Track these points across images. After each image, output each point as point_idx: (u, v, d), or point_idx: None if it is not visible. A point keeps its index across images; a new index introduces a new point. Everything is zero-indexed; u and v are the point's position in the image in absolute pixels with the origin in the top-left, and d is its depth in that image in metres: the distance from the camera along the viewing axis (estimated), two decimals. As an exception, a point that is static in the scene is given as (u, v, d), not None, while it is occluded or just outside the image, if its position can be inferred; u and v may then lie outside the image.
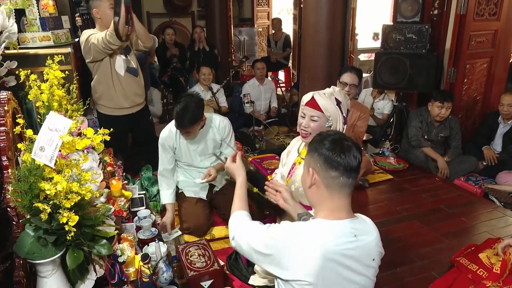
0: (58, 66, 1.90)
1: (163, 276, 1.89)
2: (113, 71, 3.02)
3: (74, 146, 1.38)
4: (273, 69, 7.25)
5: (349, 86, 3.33)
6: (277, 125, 5.07)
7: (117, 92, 3.09)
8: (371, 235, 1.34)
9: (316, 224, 1.29)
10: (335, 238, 1.24)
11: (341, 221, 1.28)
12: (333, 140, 1.30)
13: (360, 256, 1.28)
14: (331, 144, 1.29)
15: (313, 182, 1.31)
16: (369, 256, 1.31)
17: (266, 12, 8.43)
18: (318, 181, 1.30)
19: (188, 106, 2.48)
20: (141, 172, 3.38)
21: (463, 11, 3.77)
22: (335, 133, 1.36)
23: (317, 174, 1.30)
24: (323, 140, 1.31)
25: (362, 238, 1.29)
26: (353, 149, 1.28)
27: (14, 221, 1.45)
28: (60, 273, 1.38)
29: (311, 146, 1.34)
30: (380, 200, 3.35)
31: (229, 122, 2.86)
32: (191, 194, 2.88)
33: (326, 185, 1.29)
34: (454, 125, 3.79)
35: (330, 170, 1.28)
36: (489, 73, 4.18)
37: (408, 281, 2.35)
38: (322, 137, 1.33)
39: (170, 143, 2.74)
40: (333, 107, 2.04)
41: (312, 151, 1.33)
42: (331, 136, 1.32)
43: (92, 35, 2.86)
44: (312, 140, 1.36)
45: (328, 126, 2.05)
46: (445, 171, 3.70)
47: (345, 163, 1.26)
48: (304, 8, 3.77)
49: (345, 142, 1.30)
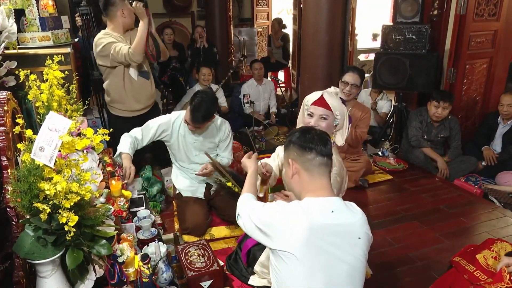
0: (57, 66, 1.90)
1: (163, 276, 1.89)
2: (126, 75, 3.04)
3: (74, 146, 1.38)
4: (273, 69, 7.25)
5: (350, 86, 3.34)
6: (277, 126, 5.09)
7: (129, 95, 3.11)
8: (354, 215, 1.42)
9: (303, 202, 1.42)
10: (318, 213, 1.36)
11: (323, 198, 1.41)
12: (302, 130, 1.53)
13: (344, 233, 1.36)
14: (301, 133, 1.50)
15: (294, 171, 1.47)
16: (353, 234, 1.38)
17: (266, 12, 8.43)
18: (298, 168, 1.46)
19: (204, 102, 2.55)
20: (141, 172, 3.38)
21: (462, 11, 3.77)
22: (303, 127, 1.58)
23: (296, 162, 1.47)
24: (293, 133, 1.53)
25: (343, 216, 1.39)
26: (321, 133, 1.50)
27: (13, 221, 1.45)
28: (59, 273, 1.38)
29: (286, 142, 1.54)
30: (380, 200, 3.35)
31: (229, 125, 2.91)
32: (189, 194, 2.90)
33: (305, 169, 1.45)
34: (454, 125, 3.79)
35: (305, 154, 1.44)
36: (489, 73, 4.18)
37: (408, 281, 2.35)
38: (292, 132, 1.55)
39: (165, 128, 2.75)
40: (341, 105, 2.08)
41: (287, 144, 1.52)
42: (300, 128, 1.56)
43: (111, 44, 2.86)
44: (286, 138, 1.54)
45: (335, 124, 2.07)
46: (445, 171, 3.70)
47: (317, 145, 1.44)
48: (304, 8, 3.77)
49: (312, 130, 1.52)
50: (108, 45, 2.85)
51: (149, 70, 3.22)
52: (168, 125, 2.77)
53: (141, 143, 2.73)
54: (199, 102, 2.55)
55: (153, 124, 2.74)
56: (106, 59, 2.92)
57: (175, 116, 2.80)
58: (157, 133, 2.74)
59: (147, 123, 2.75)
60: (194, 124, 2.62)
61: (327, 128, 2.05)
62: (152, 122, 2.75)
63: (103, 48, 2.87)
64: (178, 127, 2.78)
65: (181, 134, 2.79)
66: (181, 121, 2.76)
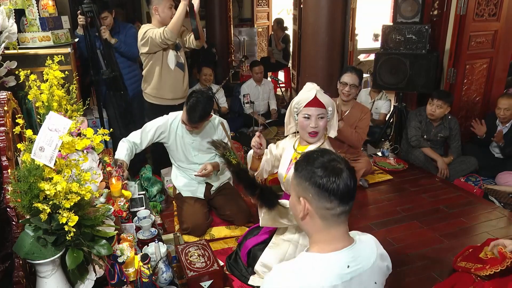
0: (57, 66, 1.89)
1: (163, 276, 1.89)
2: (164, 64, 3.19)
3: (74, 146, 1.38)
4: (273, 69, 7.25)
5: (349, 86, 3.34)
6: (277, 126, 5.08)
7: (165, 84, 3.25)
8: (369, 258, 1.22)
9: (311, 263, 1.16)
10: (332, 275, 1.13)
11: (338, 253, 1.17)
12: (323, 165, 1.15)
13: (359, 283, 1.18)
14: (322, 171, 1.13)
15: (305, 212, 1.18)
16: (369, 281, 1.21)
17: (266, 12, 8.43)
18: (311, 211, 1.17)
19: (200, 102, 2.55)
20: (141, 172, 3.38)
21: (463, 11, 3.77)
22: (321, 153, 1.20)
23: (309, 204, 1.16)
24: (312, 166, 1.16)
25: (358, 266, 1.18)
26: (346, 172, 1.14)
27: (13, 221, 1.45)
28: (59, 273, 1.38)
29: (299, 173, 1.18)
30: (379, 200, 3.35)
31: (227, 124, 2.90)
32: (189, 194, 2.90)
33: (320, 216, 1.16)
34: (454, 125, 3.79)
35: (324, 201, 1.13)
36: (489, 73, 4.18)
37: (408, 281, 2.35)
38: (310, 161, 1.17)
39: (162, 129, 2.76)
40: (329, 99, 2.14)
41: (302, 178, 1.17)
42: (319, 159, 1.16)
43: (150, 30, 3.04)
44: (298, 164, 1.20)
45: (329, 119, 2.15)
46: (445, 171, 3.70)
47: (340, 191, 1.12)
48: (304, 8, 3.77)
49: (336, 164, 1.15)
50: (147, 32, 3.05)
51: (185, 62, 3.35)
52: (166, 126, 2.77)
53: (140, 147, 2.75)
54: (195, 102, 2.55)
55: (150, 127, 2.75)
56: (146, 45, 3.08)
57: (172, 117, 2.80)
58: (155, 135, 2.75)
59: (144, 126, 2.76)
60: (191, 124, 2.63)
61: (324, 125, 2.12)
62: (149, 125, 2.76)
63: (143, 36, 3.07)
64: (175, 128, 2.79)
65: (179, 135, 2.79)
66: (179, 122, 2.76)
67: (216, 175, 2.90)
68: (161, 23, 3.11)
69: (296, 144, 2.23)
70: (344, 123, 3.34)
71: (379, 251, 1.27)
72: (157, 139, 2.78)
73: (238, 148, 3.87)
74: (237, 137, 4.39)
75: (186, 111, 2.60)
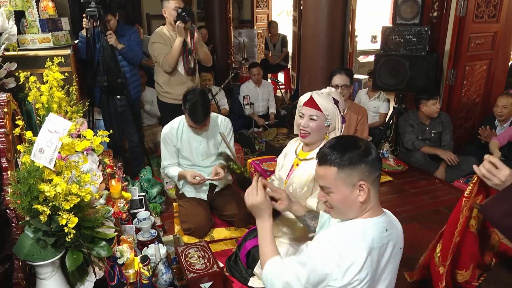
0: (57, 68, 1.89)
1: (163, 278, 1.88)
2: (174, 69, 3.37)
3: (74, 148, 1.37)
4: (273, 71, 7.26)
5: (341, 88, 3.34)
6: (277, 127, 5.08)
7: (176, 87, 3.40)
8: (398, 225, 1.43)
9: (361, 226, 1.32)
10: (378, 235, 1.30)
11: (380, 218, 1.35)
12: (355, 144, 1.33)
13: (394, 246, 1.35)
14: (363, 148, 1.31)
15: (364, 193, 1.31)
16: (398, 245, 1.39)
17: (266, 14, 8.44)
18: (369, 188, 1.32)
19: (197, 101, 2.56)
20: (141, 173, 3.38)
21: (462, 13, 3.77)
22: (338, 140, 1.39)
23: (367, 182, 1.31)
24: (351, 151, 1.31)
25: (392, 231, 1.36)
26: (371, 144, 1.37)
27: (13, 223, 1.45)
28: (59, 275, 1.38)
29: (344, 162, 1.29)
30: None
31: (230, 121, 2.91)
32: (192, 194, 2.88)
33: (373, 187, 1.33)
34: (445, 119, 3.83)
35: (375, 171, 1.33)
36: (489, 75, 4.19)
37: (408, 282, 2.34)
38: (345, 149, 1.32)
39: (172, 140, 2.79)
40: (331, 106, 2.06)
41: (352, 165, 1.29)
42: (368, 146, 1.34)
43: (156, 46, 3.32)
44: (334, 159, 1.31)
45: (327, 125, 2.07)
46: (451, 157, 3.66)
47: (378, 155, 1.34)
48: (304, 10, 3.77)
49: (359, 140, 1.37)
50: (153, 45, 3.34)
51: (196, 67, 3.54)
52: (172, 133, 2.78)
53: (176, 163, 2.87)
54: (192, 103, 2.55)
55: (167, 146, 2.82)
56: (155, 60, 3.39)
57: (175, 125, 2.79)
58: (171, 143, 2.80)
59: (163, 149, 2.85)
60: (199, 124, 2.63)
61: (317, 128, 2.05)
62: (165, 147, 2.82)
63: (150, 47, 3.37)
64: (181, 134, 2.78)
65: (185, 140, 2.79)
66: (183, 127, 2.77)
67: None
68: (170, 23, 3.31)
69: (298, 149, 2.22)
70: None
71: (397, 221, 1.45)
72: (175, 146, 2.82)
73: (238, 150, 3.87)
74: (237, 138, 4.39)
75: (188, 115, 2.60)
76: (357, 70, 7.39)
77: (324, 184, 1.35)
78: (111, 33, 3.22)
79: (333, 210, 1.39)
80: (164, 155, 2.85)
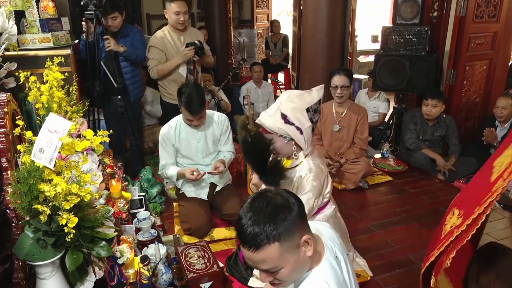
0: (57, 68, 1.89)
1: (162, 278, 1.88)
2: (176, 71, 3.42)
3: (74, 147, 1.37)
4: (273, 71, 7.26)
5: (340, 88, 3.34)
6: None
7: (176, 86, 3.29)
8: (332, 234, 1.34)
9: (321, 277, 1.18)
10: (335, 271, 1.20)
11: (326, 253, 1.22)
12: (280, 197, 1.14)
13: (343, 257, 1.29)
14: (284, 202, 1.12)
15: (312, 243, 1.15)
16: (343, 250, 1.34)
17: (266, 14, 8.44)
18: (311, 238, 1.16)
19: (191, 92, 2.57)
20: (141, 173, 3.38)
21: (462, 13, 3.77)
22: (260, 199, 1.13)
23: (307, 233, 1.15)
24: (283, 206, 1.11)
25: (335, 246, 1.28)
26: (278, 189, 1.18)
27: (13, 223, 1.45)
28: (59, 274, 1.38)
29: (285, 224, 1.08)
30: (379, 201, 3.35)
31: (227, 117, 2.92)
32: (192, 194, 2.88)
33: (310, 233, 1.18)
34: (450, 123, 3.80)
35: (304, 216, 1.16)
36: (489, 75, 4.19)
37: (408, 282, 2.34)
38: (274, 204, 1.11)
39: (170, 139, 2.79)
40: (279, 124, 2.01)
41: (290, 222, 1.09)
42: (270, 199, 1.12)
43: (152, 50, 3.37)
44: (273, 221, 1.08)
45: (288, 141, 2.06)
46: (445, 168, 3.70)
47: (297, 198, 1.17)
48: (304, 10, 3.78)
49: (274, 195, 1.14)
50: (150, 48, 3.38)
51: (198, 69, 3.57)
52: (170, 133, 2.78)
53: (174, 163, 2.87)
54: (187, 95, 2.55)
55: (166, 147, 2.82)
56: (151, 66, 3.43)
57: (173, 124, 2.80)
58: (169, 143, 2.80)
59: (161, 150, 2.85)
60: (196, 116, 2.62)
61: (280, 149, 2.07)
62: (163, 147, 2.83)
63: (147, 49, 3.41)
64: (179, 133, 2.79)
65: (183, 139, 2.79)
66: (180, 126, 2.77)
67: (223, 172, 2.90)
68: (172, 26, 3.37)
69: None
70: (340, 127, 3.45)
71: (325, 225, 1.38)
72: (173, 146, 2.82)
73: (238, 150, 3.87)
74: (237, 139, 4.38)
75: (185, 108, 2.60)
76: (357, 70, 7.39)
77: (269, 266, 1.10)
78: (109, 37, 3.17)
79: (284, 283, 1.19)
80: (162, 156, 2.85)
